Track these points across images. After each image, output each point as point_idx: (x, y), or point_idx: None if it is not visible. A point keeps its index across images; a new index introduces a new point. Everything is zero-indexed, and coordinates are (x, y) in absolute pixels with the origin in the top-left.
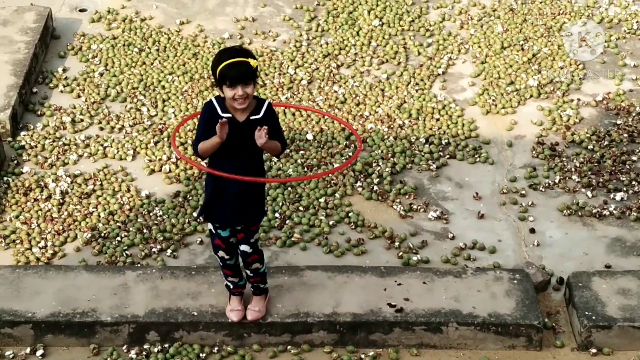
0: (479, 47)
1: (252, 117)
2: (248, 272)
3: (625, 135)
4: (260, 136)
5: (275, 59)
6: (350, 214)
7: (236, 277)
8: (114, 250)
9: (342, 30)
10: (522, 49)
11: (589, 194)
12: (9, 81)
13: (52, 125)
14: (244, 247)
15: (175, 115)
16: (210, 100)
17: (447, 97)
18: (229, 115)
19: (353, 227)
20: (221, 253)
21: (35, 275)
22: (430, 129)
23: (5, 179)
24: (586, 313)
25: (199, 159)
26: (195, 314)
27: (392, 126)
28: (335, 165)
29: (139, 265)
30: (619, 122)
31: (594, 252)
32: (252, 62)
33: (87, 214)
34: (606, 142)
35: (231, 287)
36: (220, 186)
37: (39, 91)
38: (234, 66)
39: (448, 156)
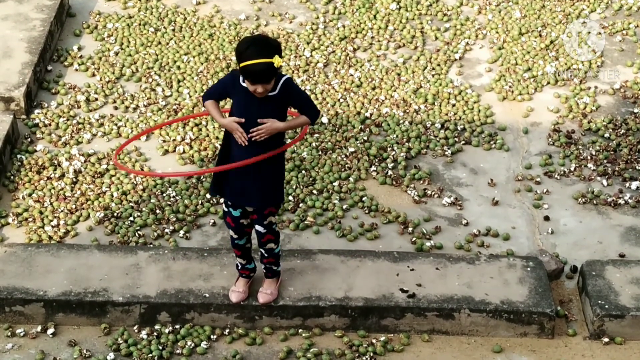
0: (497, 32)
1: (269, 94)
2: (262, 251)
3: None
4: (259, 134)
5: (292, 41)
6: (364, 198)
7: (244, 259)
8: (126, 230)
9: (359, 13)
10: (540, 35)
11: (605, 182)
12: (24, 59)
13: (66, 103)
14: (258, 227)
15: (190, 96)
16: (234, 70)
17: (463, 83)
18: (247, 86)
19: (367, 211)
20: (231, 232)
21: (48, 254)
22: (446, 114)
23: (18, 156)
24: (599, 302)
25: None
26: (207, 295)
27: (407, 111)
28: (351, 150)
29: (151, 245)
30: (636, 110)
31: (608, 240)
32: (277, 61)
33: (100, 193)
34: (623, 131)
35: (238, 267)
36: (228, 162)
37: (53, 69)
38: (257, 67)
39: (463, 142)
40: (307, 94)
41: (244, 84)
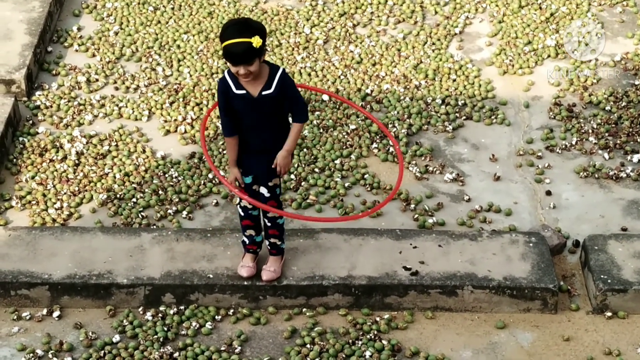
0: (497, 5)
1: (264, 93)
2: (266, 220)
3: None
4: (283, 171)
5: (291, 18)
6: (366, 176)
7: (254, 230)
8: (129, 211)
9: None
10: (540, 8)
11: (606, 155)
12: (24, 40)
13: (67, 85)
14: (262, 190)
15: (191, 75)
16: (223, 76)
17: (463, 57)
18: (244, 91)
19: (369, 189)
20: (244, 204)
21: (52, 237)
22: (447, 89)
23: (20, 139)
24: (602, 276)
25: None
26: (211, 276)
27: (408, 87)
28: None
29: (154, 227)
30: (637, 82)
31: (610, 214)
32: (255, 41)
33: (102, 175)
34: (624, 103)
35: (247, 242)
36: (245, 142)
37: (53, 50)
38: (235, 47)
39: (464, 117)
40: (299, 91)
41: (238, 91)
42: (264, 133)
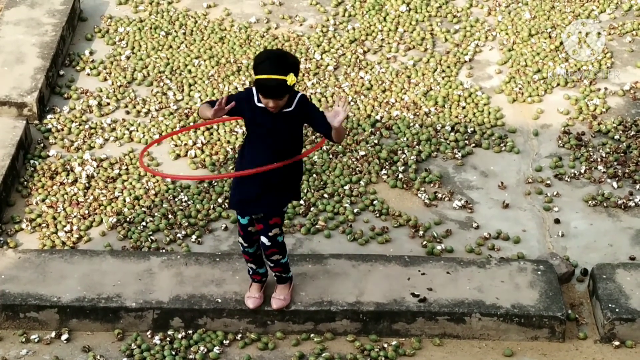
0: (506, 34)
1: (284, 110)
2: (268, 262)
3: None
4: (337, 113)
5: (302, 44)
6: (374, 202)
7: (255, 264)
8: (139, 235)
9: (369, 16)
10: (550, 37)
11: (615, 184)
12: (36, 64)
13: (78, 108)
14: (263, 239)
15: (202, 100)
16: (251, 88)
17: (473, 85)
18: (263, 105)
19: (377, 215)
20: (240, 239)
21: (61, 260)
22: (456, 116)
23: (31, 162)
24: (610, 305)
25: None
26: (219, 300)
27: (417, 113)
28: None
29: (163, 250)
30: None
31: (618, 243)
32: (290, 78)
33: (112, 198)
34: (633, 132)
35: (250, 272)
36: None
37: (65, 74)
38: (270, 82)
39: (473, 145)
40: (322, 111)
41: (260, 104)
42: (270, 151)
